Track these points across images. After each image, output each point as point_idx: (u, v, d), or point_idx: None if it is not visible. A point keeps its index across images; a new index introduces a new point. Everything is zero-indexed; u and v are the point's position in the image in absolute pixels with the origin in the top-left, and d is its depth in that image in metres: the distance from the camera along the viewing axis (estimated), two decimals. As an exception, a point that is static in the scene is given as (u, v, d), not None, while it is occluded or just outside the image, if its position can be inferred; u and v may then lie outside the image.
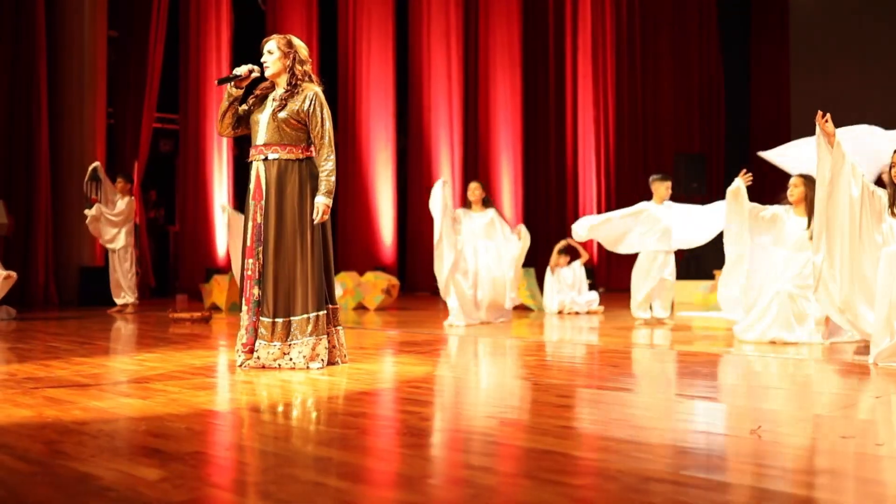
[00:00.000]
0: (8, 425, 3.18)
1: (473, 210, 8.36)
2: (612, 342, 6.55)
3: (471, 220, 8.31)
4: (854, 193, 5.17)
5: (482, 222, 8.32)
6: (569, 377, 4.66)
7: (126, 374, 4.73)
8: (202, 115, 14.02)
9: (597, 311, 9.97)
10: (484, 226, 8.33)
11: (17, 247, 11.62)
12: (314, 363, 4.73)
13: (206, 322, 8.50)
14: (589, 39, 16.43)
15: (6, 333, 7.26)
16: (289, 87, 4.84)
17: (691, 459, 2.69)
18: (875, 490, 2.36)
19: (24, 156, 11.89)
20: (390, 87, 15.34)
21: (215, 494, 2.33)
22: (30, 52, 11.92)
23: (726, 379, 4.70)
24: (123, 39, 13.75)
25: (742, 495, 2.23)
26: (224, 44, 14.21)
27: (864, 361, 5.07)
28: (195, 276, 13.26)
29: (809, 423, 3.27)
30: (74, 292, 12.07)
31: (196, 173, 13.98)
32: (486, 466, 2.60)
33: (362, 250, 14.71)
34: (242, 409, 3.66)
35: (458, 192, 14.70)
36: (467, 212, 8.35)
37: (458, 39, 15.75)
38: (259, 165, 4.84)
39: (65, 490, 2.30)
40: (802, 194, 6.44)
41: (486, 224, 8.33)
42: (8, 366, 5.02)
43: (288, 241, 4.77)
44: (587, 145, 16.45)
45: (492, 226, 8.36)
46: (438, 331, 7.49)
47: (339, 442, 2.93)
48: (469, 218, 8.32)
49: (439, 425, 3.34)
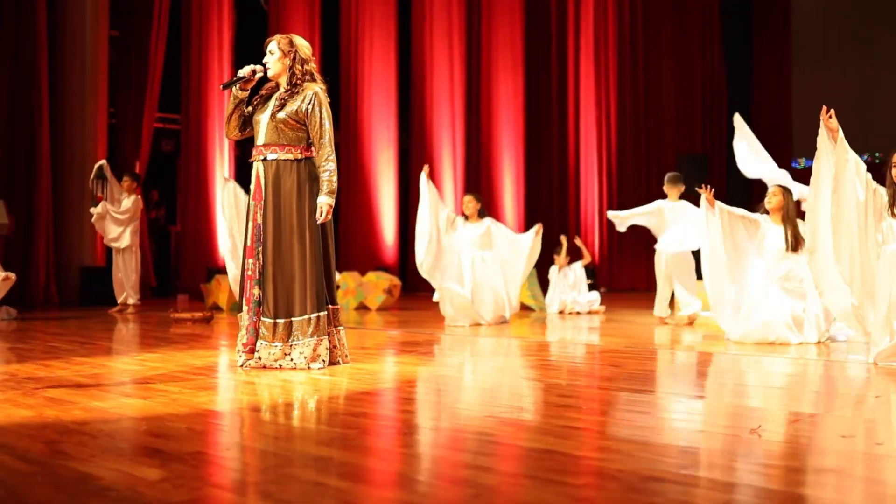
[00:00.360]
0: (8, 425, 3.18)
1: (470, 221, 8.31)
2: (614, 342, 6.55)
3: (466, 229, 8.24)
4: (860, 191, 5.13)
5: (477, 232, 8.25)
6: (570, 377, 4.66)
7: (127, 374, 4.73)
8: (203, 115, 14.03)
9: (598, 310, 9.98)
10: (479, 236, 8.25)
11: (17, 247, 11.61)
12: (315, 364, 4.73)
13: (208, 322, 8.50)
14: (591, 39, 16.43)
15: (7, 333, 7.26)
16: (288, 86, 4.85)
17: (692, 459, 2.69)
18: (875, 489, 2.36)
19: (26, 155, 11.89)
20: (392, 86, 15.34)
21: (216, 494, 2.33)
22: (31, 52, 11.93)
23: (726, 378, 4.70)
24: (125, 39, 13.75)
25: (743, 494, 2.23)
26: (226, 43, 14.21)
27: (862, 361, 5.07)
28: (196, 276, 13.26)
29: (809, 423, 3.27)
30: (75, 292, 12.07)
31: (197, 173, 13.98)
32: (487, 466, 2.60)
33: (364, 250, 14.71)
34: (243, 410, 3.66)
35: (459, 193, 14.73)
36: (465, 222, 8.32)
37: (460, 39, 15.75)
38: (259, 166, 4.84)
39: (65, 490, 2.30)
40: (780, 203, 6.53)
41: (481, 234, 8.26)
42: (8, 366, 5.03)
43: (287, 241, 4.77)
44: (589, 145, 16.45)
45: (487, 236, 8.29)
46: (440, 331, 7.49)
47: (339, 442, 2.94)
48: (465, 227, 8.26)
49: (440, 425, 3.35)
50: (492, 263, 8.22)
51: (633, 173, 16.38)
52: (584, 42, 16.50)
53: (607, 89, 16.46)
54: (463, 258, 8.18)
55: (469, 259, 8.16)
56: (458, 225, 8.26)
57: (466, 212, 8.35)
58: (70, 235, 12.24)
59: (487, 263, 8.20)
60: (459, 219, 8.32)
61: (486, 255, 8.24)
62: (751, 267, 6.53)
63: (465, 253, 8.19)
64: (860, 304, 5.17)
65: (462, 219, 8.33)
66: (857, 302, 5.17)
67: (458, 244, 8.21)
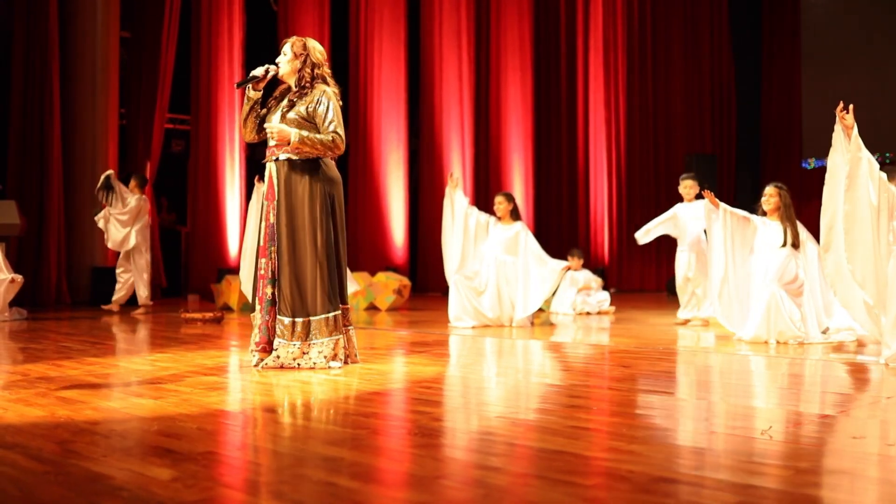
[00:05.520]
0: (21, 425, 3.19)
1: (502, 222, 8.20)
2: (623, 342, 6.54)
3: (496, 230, 8.12)
4: (872, 191, 5.10)
5: (505, 236, 8.07)
6: (580, 377, 4.66)
7: (138, 374, 4.74)
8: (214, 116, 14.05)
9: (608, 311, 9.97)
10: (506, 239, 8.06)
11: (29, 247, 11.66)
12: (335, 362, 4.75)
13: (218, 322, 8.52)
14: (600, 40, 16.41)
15: (18, 334, 7.29)
16: (298, 87, 4.88)
17: (702, 460, 2.69)
18: (888, 490, 2.35)
19: (37, 156, 11.93)
20: (402, 88, 15.34)
21: (227, 494, 2.34)
22: (42, 53, 11.97)
23: (735, 379, 4.69)
24: (136, 40, 13.79)
25: (753, 496, 2.23)
26: (236, 44, 14.24)
27: (873, 361, 5.05)
28: (207, 276, 13.29)
29: (820, 424, 3.26)
30: (86, 292, 12.11)
31: (207, 174, 14.00)
32: (497, 467, 2.60)
33: (374, 251, 14.72)
34: (254, 410, 3.67)
35: (468, 194, 14.72)
36: (496, 222, 8.23)
37: (469, 40, 15.75)
38: (272, 166, 4.86)
39: (77, 489, 2.31)
40: (777, 203, 6.56)
41: (508, 238, 8.06)
42: (20, 366, 5.05)
43: (300, 240, 4.78)
44: (598, 146, 16.43)
45: (515, 240, 8.07)
46: (450, 331, 7.49)
47: (350, 442, 2.94)
48: (495, 228, 8.16)
49: (450, 425, 3.35)
50: (513, 269, 8.06)
51: (642, 173, 16.36)
52: (593, 42, 16.48)
53: (616, 89, 16.44)
54: (487, 257, 8.09)
55: (493, 259, 8.05)
56: (490, 227, 8.18)
57: (498, 213, 8.18)
58: (81, 236, 12.28)
59: (508, 268, 8.04)
60: (491, 220, 8.19)
61: (509, 260, 8.04)
62: (754, 267, 6.53)
63: (490, 253, 8.09)
64: (875, 303, 5.13)
65: (494, 220, 8.23)
66: (871, 301, 5.14)
67: (486, 244, 8.15)
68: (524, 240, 8.08)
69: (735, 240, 6.62)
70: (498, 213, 8.18)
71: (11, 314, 8.71)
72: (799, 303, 6.31)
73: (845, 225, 5.13)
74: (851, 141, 5.12)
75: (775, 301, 6.21)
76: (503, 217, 8.15)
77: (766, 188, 6.75)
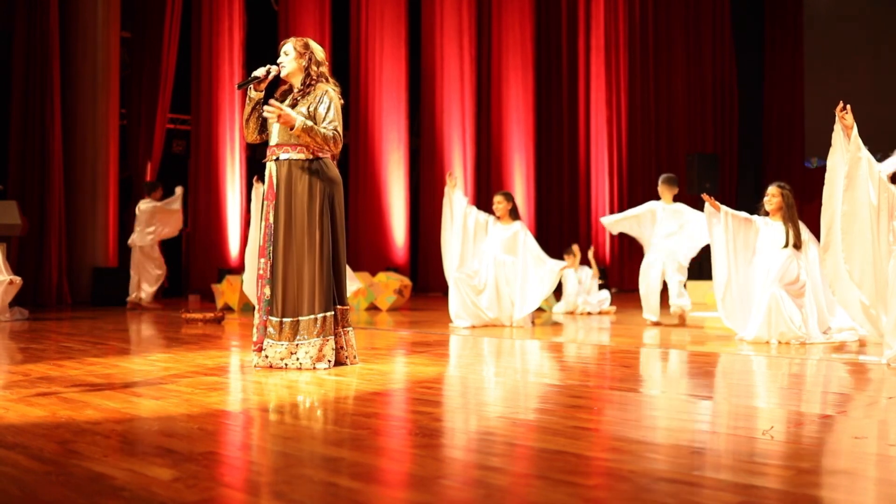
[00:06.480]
0: (22, 425, 3.19)
1: (501, 222, 8.20)
2: (624, 342, 6.54)
3: (495, 229, 8.12)
4: (872, 191, 5.10)
5: (504, 235, 8.07)
6: (580, 377, 4.66)
7: (139, 374, 4.74)
8: (215, 116, 14.06)
9: (608, 311, 9.97)
10: (505, 239, 8.06)
11: (30, 247, 11.67)
12: (320, 364, 4.74)
13: (219, 322, 8.53)
14: (602, 39, 16.42)
15: (20, 334, 7.30)
16: (302, 87, 4.88)
17: (703, 460, 2.68)
18: (888, 491, 2.35)
19: (38, 156, 11.94)
20: (403, 87, 15.35)
21: (228, 494, 2.34)
22: (43, 53, 11.98)
23: (737, 379, 4.69)
24: (137, 40, 13.81)
25: (755, 496, 2.22)
26: (237, 44, 14.25)
27: (874, 361, 5.04)
28: (207, 276, 13.30)
29: (821, 424, 3.26)
30: (87, 292, 12.13)
31: (208, 174, 14.01)
32: (498, 467, 2.60)
33: (374, 251, 14.73)
34: (254, 410, 3.67)
35: (468, 193, 14.72)
36: (495, 222, 8.24)
37: (470, 39, 15.75)
38: (272, 166, 4.86)
39: (78, 490, 2.31)
40: (780, 204, 6.56)
41: (507, 237, 8.06)
42: (21, 366, 5.05)
43: (297, 241, 4.77)
44: (600, 145, 16.44)
45: (514, 240, 8.07)
46: (450, 331, 7.49)
47: (351, 442, 2.94)
48: (494, 227, 8.16)
49: (451, 426, 3.34)
50: (512, 268, 8.07)
51: (644, 173, 16.36)
52: (595, 41, 16.48)
53: (618, 89, 16.44)
54: (486, 256, 8.08)
55: (492, 259, 8.05)
56: (489, 226, 8.17)
57: (497, 213, 8.17)
58: (82, 236, 12.29)
59: (507, 267, 8.04)
60: (490, 219, 8.20)
61: (508, 260, 8.04)
62: (756, 268, 6.53)
63: (489, 253, 8.09)
64: (871, 303, 5.14)
65: (493, 219, 8.23)
66: (868, 301, 5.14)
67: (485, 243, 8.14)
68: (523, 239, 8.07)
69: (737, 242, 6.61)
70: (497, 213, 8.17)
71: (13, 314, 8.72)
72: (800, 304, 6.32)
73: (843, 225, 5.13)
74: (851, 141, 5.12)
75: (776, 302, 6.22)
76: (502, 216, 8.15)
77: (768, 188, 6.74)
